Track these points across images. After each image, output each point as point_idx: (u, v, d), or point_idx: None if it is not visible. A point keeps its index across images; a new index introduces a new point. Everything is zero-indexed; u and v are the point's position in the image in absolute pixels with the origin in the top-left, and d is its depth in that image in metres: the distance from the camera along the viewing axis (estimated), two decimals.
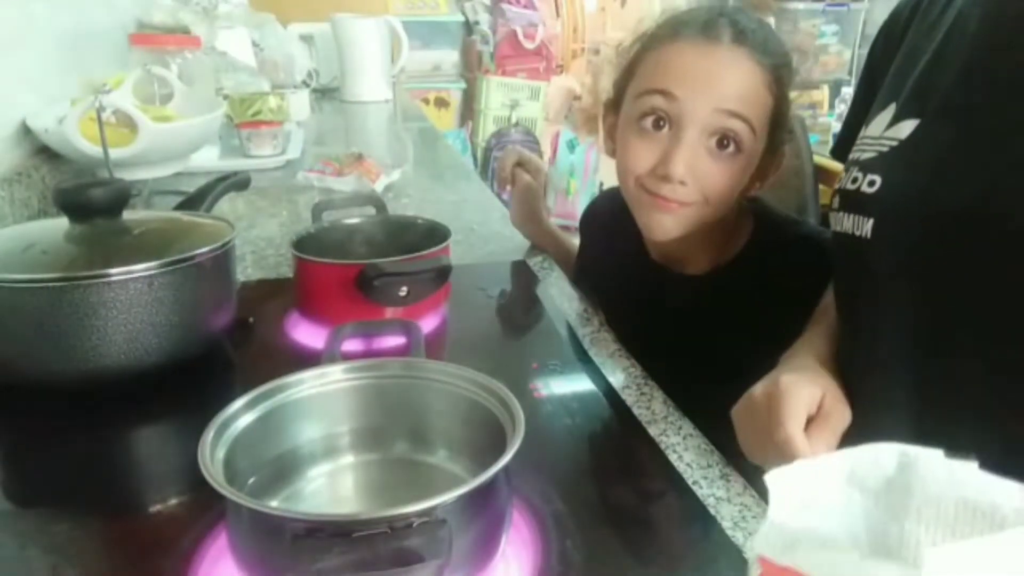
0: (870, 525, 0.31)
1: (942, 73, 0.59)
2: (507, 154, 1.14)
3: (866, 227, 0.59)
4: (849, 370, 0.64)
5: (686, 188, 0.78)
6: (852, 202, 0.61)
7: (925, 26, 0.64)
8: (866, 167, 0.60)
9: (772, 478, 0.30)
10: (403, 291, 0.79)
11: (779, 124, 0.81)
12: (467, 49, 4.07)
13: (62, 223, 0.71)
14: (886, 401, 0.60)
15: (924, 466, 0.30)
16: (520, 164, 1.12)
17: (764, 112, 0.78)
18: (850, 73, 4.36)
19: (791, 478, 0.30)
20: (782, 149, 0.84)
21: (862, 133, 0.65)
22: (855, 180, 0.61)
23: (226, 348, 0.78)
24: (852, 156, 0.65)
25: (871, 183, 0.59)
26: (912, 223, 0.56)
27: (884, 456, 0.31)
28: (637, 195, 0.82)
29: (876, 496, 0.31)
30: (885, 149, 0.60)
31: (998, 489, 0.29)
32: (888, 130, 0.60)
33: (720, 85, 0.76)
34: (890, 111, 0.62)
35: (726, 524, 0.54)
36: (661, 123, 0.78)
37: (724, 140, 0.77)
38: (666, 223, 0.81)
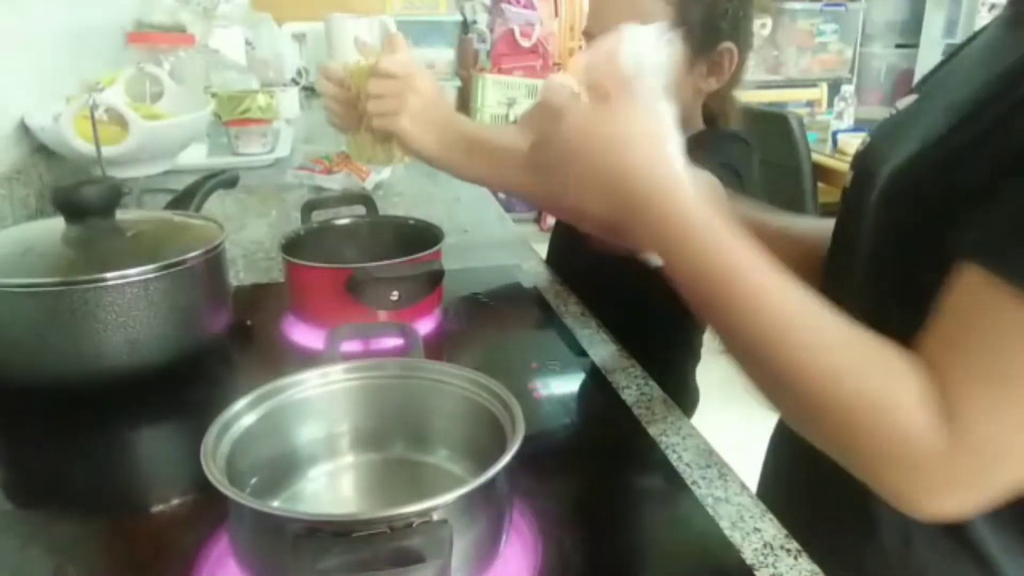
0: None
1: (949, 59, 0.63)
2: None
3: (847, 179, 0.64)
4: None
5: None
6: (852, 159, 0.66)
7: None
8: (872, 131, 0.66)
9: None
10: (394, 295, 0.78)
11: (695, 27, 0.87)
12: (463, 48, 4.06)
13: (58, 224, 0.71)
14: None
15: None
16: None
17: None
18: (851, 71, 4.34)
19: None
20: (725, 47, 0.89)
21: None
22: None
23: (226, 350, 0.78)
24: None
25: (864, 143, 0.64)
26: (867, 182, 0.59)
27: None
28: None
29: None
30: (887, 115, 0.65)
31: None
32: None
33: (610, 15, 0.88)
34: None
35: (724, 524, 0.54)
36: None
37: None
38: None
